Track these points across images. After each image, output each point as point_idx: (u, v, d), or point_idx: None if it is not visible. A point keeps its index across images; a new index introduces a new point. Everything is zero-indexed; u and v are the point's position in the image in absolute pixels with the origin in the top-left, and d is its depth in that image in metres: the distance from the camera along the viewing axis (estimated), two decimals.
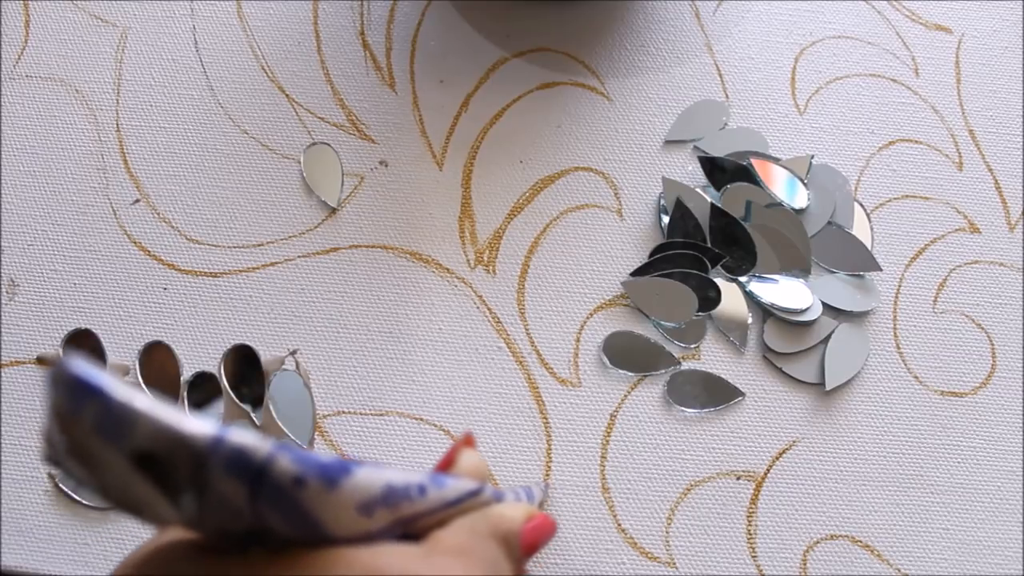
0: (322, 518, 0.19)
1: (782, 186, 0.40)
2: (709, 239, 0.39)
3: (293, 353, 0.37)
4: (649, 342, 0.38)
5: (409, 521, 0.21)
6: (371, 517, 0.20)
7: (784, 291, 0.38)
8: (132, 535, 0.35)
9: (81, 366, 0.16)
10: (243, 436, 0.17)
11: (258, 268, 0.39)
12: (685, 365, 0.38)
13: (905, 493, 0.36)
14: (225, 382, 0.37)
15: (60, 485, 0.35)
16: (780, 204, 0.40)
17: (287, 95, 0.42)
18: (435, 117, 0.41)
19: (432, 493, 0.21)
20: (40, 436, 0.20)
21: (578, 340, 0.38)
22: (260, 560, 0.19)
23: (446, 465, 0.26)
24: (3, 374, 0.37)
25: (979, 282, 0.40)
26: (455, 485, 0.22)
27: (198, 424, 0.17)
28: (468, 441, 0.26)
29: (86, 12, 0.43)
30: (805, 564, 0.35)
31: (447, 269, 0.39)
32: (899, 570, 0.35)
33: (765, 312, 0.38)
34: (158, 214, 0.40)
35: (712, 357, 0.38)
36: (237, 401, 0.36)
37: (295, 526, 0.19)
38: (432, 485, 0.21)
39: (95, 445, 0.16)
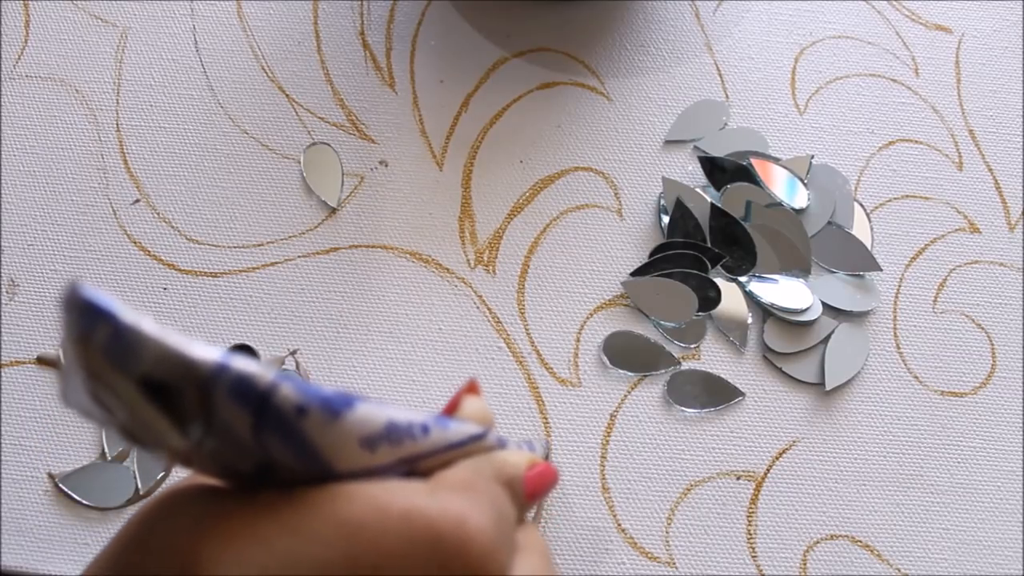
0: (325, 450, 0.19)
1: (782, 186, 0.40)
2: (709, 239, 0.39)
3: (293, 353, 0.37)
4: (649, 342, 0.38)
5: (413, 460, 0.21)
6: (374, 452, 0.20)
7: (784, 291, 0.38)
8: None
9: (92, 291, 0.17)
10: (247, 364, 0.18)
11: (258, 268, 0.39)
12: (685, 365, 0.38)
13: (905, 493, 0.36)
14: None
15: (60, 485, 0.35)
16: (780, 204, 0.40)
17: (287, 95, 0.42)
18: (435, 117, 0.41)
19: (435, 433, 0.21)
20: (57, 374, 0.20)
21: (578, 340, 0.38)
22: (266, 496, 0.19)
23: (450, 411, 0.26)
24: (3, 374, 0.37)
25: (979, 282, 0.40)
26: (459, 428, 0.22)
27: (204, 349, 0.17)
28: (472, 388, 0.26)
29: (86, 12, 0.43)
30: (805, 564, 0.35)
31: (447, 269, 0.39)
32: (899, 570, 0.35)
33: (765, 312, 0.38)
34: (158, 214, 0.40)
35: (712, 357, 0.38)
36: None
37: (299, 458, 0.19)
38: (435, 426, 0.21)
39: (105, 370, 0.17)
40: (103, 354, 0.17)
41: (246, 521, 0.19)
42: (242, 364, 0.18)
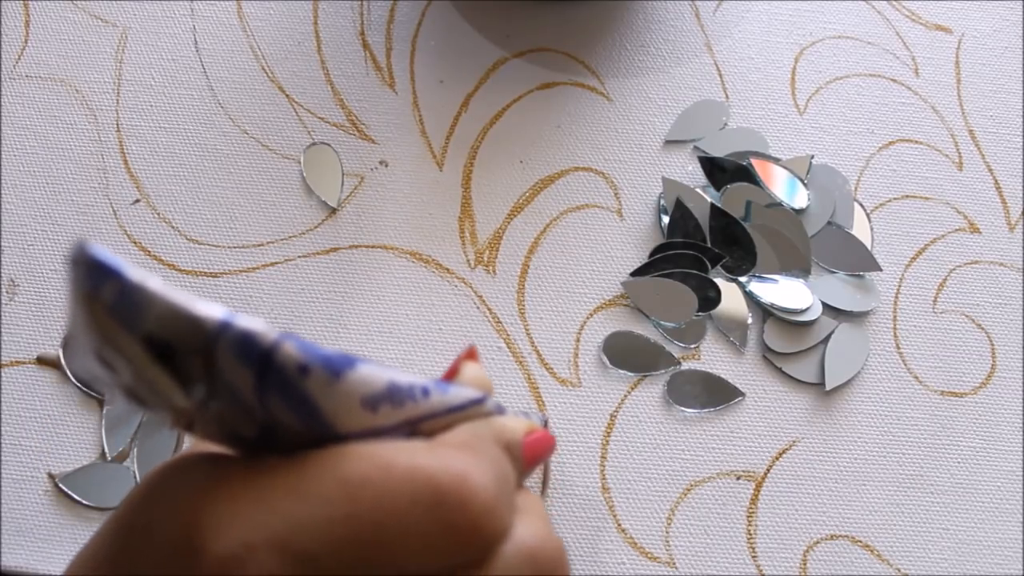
0: (327, 411, 0.19)
1: (782, 186, 0.40)
2: (709, 239, 0.39)
3: None
4: (649, 342, 0.38)
5: (414, 422, 0.21)
6: (376, 413, 0.20)
7: (784, 291, 0.38)
8: None
9: (99, 249, 0.17)
10: (251, 321, 0.18)
11: (258, 268, 0.39)
12: (685, 365, 0.38)
13: (905, 493, 0.36)
14: None
15: (60, 485, 0.35)
16: (780, 204, 0.40)
17: (287, 95, 0.42)
18: (435, 117, 0.41)
19: (435, 396, 0.21)
20: (63, 340, 0.21)
21: (578, 340, 0.38)
22: (268, 460, 0.19)
23: (450, 376, 0.26)
24: (3, 374, 0.37)
25: (979, 282, 0.40)
26: (458, 392, 0.22)
27: (208, 307, 0.17)
28: (471, 354, 0.26)
29: (86, 12, 0.43)
30: (805, 564, 0.35)
31: (447, 269, 0.39)
32: (899, 570, 0.35)
33: (765, 312, 0.38)
34: (158, 214, 0.40)
35: (712, 357, 0.38)
36: None
37: (302, 419, 0.19)
38: (435, 389, 0.22)
39: (112, 328, 0.17)
40: (109, 312, 0.17)
41: (248, 484, 0.19)
42: (246, 321, 0.18)
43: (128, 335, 0.17)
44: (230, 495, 0.18)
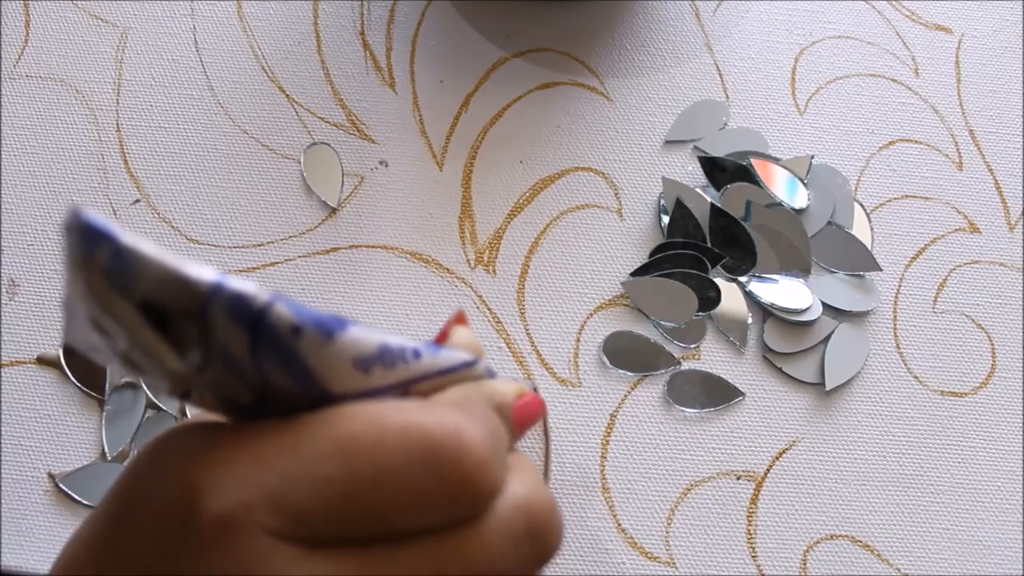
0: (321, 371, 0.19)
1: (782, 186, 0.40)
2: (709, 239, 0.39)
3: None
4: (649, 342, 0.38)
5: (406, 384, 0.21)
6: (368, 375, 0.20)
7: (784, 291, 0.38)
8: None
9: (93, 214, 0.17)
10: (243, 283, 0.18)
11: (258, 268, 0.39)
12: (685, 365, 0.38)
13: (905, 493, 0.36)
14: None
15: (60, 485, 0.35)
16: (780, 204, 0.40)
17: (287, 95, 0.42)
18: (435, 117, 0.41)
19: (427, 358, 0.22)
20: (61, 308, 0.21)
21: (578, 340, 0.38)
22: (264, 422, 0.19)
23: (441, 340, 0.26)
24: (3, 374, 0.37)
25: (979, 282, 0.40)
26: (450, 354, 0.23)
27: (200, 269, 0.18)
28: (460, 319, 0.26)
29: (86, 12, 0.43)
30: (805, 564, 0.35)
31: (447, 269, 0.39)
32: (899, 570, 0.35)
33: (765, 312, 0.38)
34: (158, 214, 0.40)
35: (712, 357, 0.38)
36: None
37: (295, 380, 0.19)
38: (427, 351, 0.22)
39: (107, 293, 0.17)
40: (105, 276, 0.17)
41: (244, 446, 0.19)
42: (238, 283, 0.18)
43: (123, 299, 0.17)
44: (226, 457, 0.19)
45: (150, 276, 0.17)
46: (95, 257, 0.17)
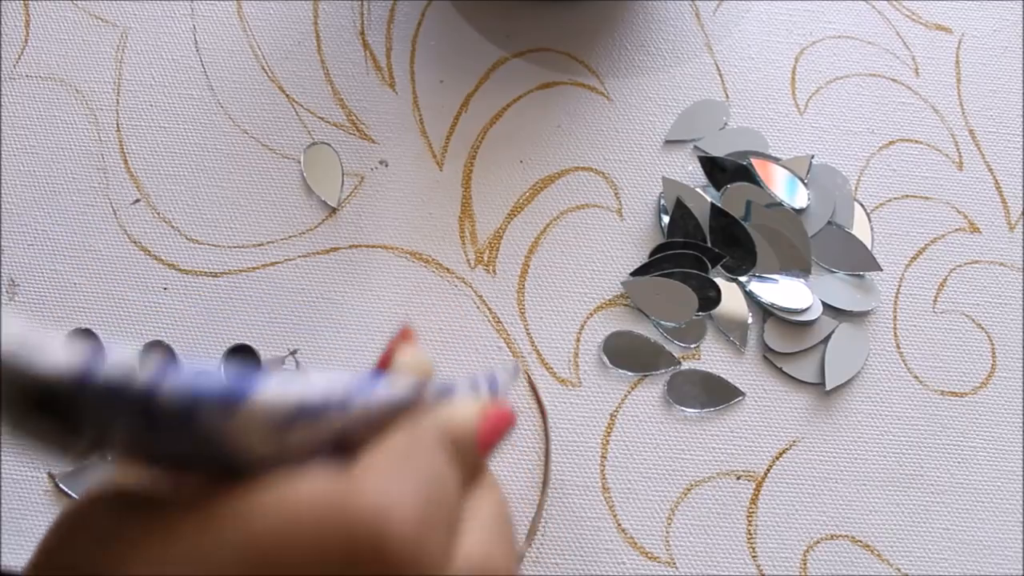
0: (232, 440, 0.18)
1: (782, 186, 0.40)
2: (709, 239, 0.39)
3: (293, 353, 0.37)
4: (649, 342, 0.38)
5: (341, 434, 0.19)
6: (290, 434, 0.18)
7: (784, 291, 0.38)
8: None
9: None
10: (115, 364, 0.16)
11: (258, 268, 0.39)
12: (685, 365, 0.38)
13: (905, 493, 0.36)
14: None
15: (60, 485, 0.35)
16: (780, 204, 0.40)
17: (287, 95, 0.42)
18: (435, 117, 0.41)
19: (358, 403, 0.19)
20: None
21: (578, 340, 0.38)
22: (172, 513, 0.18)
23: (383, 365, 0.24)
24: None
25: (979, 282, 0.40)
26: (387, 391, 0.20)
27: (67, 354, 0.15)
28: (405, 335, 0.24)
29: (86, 12, 0.43)
30: (805, 564, 0.35)
31: (447, 269, 0.39)
32: (899, 570, 0.35)
33: (765, 312, 0.38)
34: (158, 214, 0.40)
35: (712, 357, 0.38)
36: None
37: (205, 449, 0.18)
38: (358, 395, 0.19)
39: None
40: None
41: (151, 542, 0.18)
42: (108, 367, 0.16)
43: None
44: (130, 556, 0.17)
45: (8, 374, 0.15)
46: None
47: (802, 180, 0.40)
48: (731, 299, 0.38)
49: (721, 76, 0.43)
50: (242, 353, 0.37)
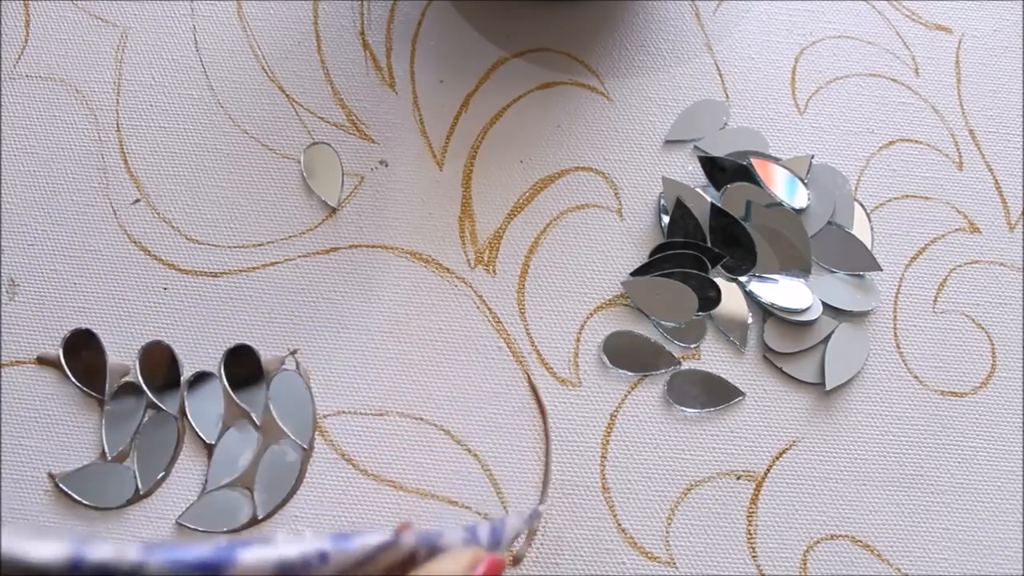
0: None
1: (782, 186, 0.40)
2: (709, 239, 0.39)
3: (293, 353, 0.37)
4: (649, 342, 0.38)
5: None
6: None
7: (784, 291, 0.38)
8: (131, 535, 0.35)
9: None
10: (101, 551, 0.17)
11: (258, 268, 0.39)
12: (685, 365, 0.38)
13: (905, 493, 0.36)
14: (225, 382, 0.37)
15: (60, 485, 0.35)
16: (780, 204, 0.40)
17: (287, 95, 0.42)
18: (435, 117, 0.41)
19: (335, 558, 0.21)
20: None
21: (578, 340, 0.38)
22: None
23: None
24: (3, 374, 0.37)
25: (979, 282, 0.40)
26: (362, 542, 0.22)
27: (50, 549, 0.17)
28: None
29: (86, 12, 0.43)
30: (805, 564, 0.35)
31: (447, 269, 0.39)
32: (899, 570, 0.35)
33: (765, 312, 0.38)
34: (158, 214, 0.40)
35: (712, 357, 0.38)
36: (238, 401, 0.36)
37: None
38: (335, 549, 0.21)
39: None
40: None
41: None
42: (96, 553, 0.17)
43: None
44: None
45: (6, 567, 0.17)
46: None
47: (802, 180, 0.40)
48: (731, 299, 0.38)
49: (721, 76, 0.43)
50: (242, 353, 0.37)
